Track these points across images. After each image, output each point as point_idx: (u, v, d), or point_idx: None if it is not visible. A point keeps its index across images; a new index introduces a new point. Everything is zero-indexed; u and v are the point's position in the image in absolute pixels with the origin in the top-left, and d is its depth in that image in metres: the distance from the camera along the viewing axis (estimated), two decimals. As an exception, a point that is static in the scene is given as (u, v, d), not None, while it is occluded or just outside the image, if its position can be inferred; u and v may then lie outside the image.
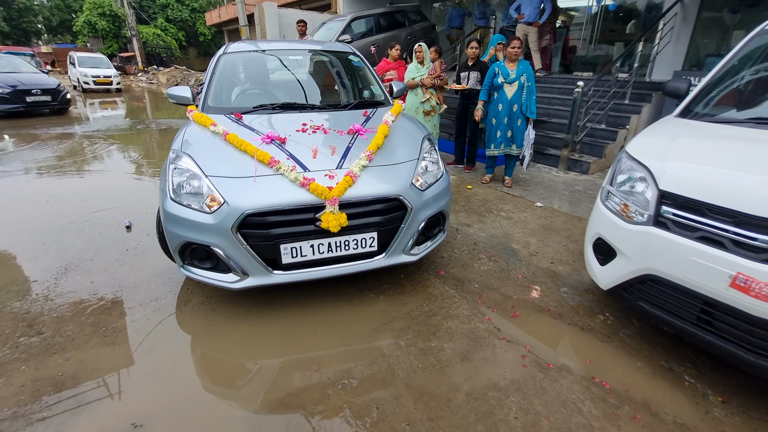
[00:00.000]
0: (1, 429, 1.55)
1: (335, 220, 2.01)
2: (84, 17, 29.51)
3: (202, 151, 2.26)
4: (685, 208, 1.73)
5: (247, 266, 2.04)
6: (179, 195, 2.09)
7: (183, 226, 2.03)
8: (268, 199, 2.00)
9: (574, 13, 9.80)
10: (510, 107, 4.06)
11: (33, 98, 9.03)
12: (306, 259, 2.09)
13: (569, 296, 2.53)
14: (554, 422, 1.63)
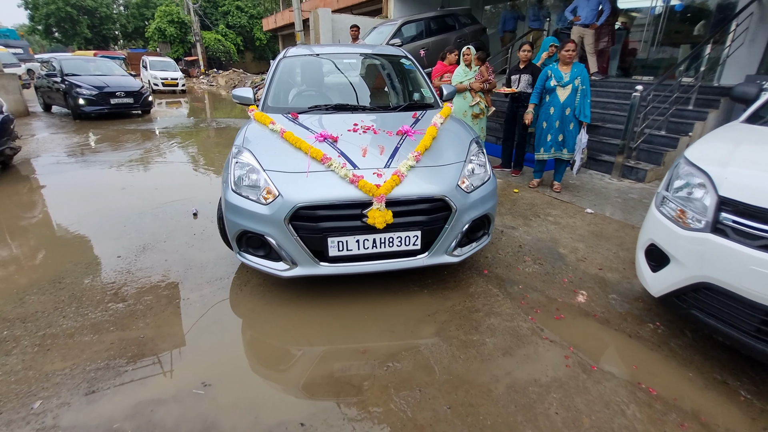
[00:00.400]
0: (95, 377, 1.82)
1: (381, 216, 2.09)
2: (155, 24, 32.14)
3: (261, 147, 2.44)
4: (746, 215, 1.68)
5: (296, 256, 2.18)
6: (239, 187, 2.26)
7: (241, 216, 2.20)
8: (319, 194, 2.13)
9: (636, 14, 9.35)
10: (562, 111, 4.01)
11: (117, 100, 9.51)
12: (351, 254, 2.19)
13: (617, 303, 2.49)
14: (596, 421, 1.65)
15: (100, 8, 39.61)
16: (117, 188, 4.53)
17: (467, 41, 8.82)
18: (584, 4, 7.00)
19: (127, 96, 9.65)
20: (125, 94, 9.63)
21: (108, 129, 8.42)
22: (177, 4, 31.55)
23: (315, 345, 2.05)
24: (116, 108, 9.60)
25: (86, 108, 9.16)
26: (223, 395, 1.73)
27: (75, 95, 9.14)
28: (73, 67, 10.07)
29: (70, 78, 9.43)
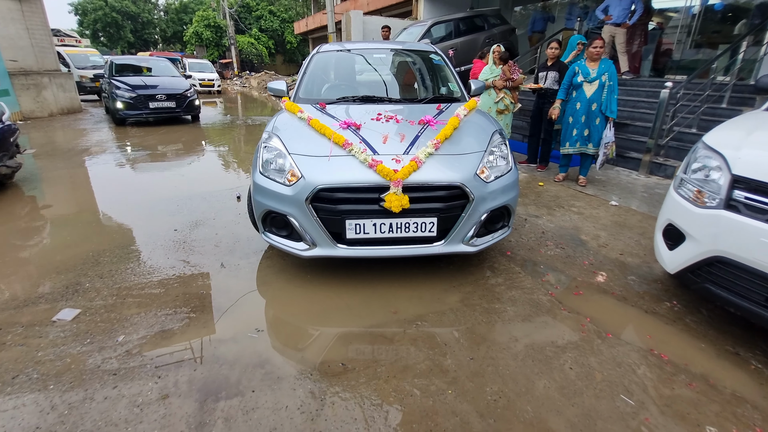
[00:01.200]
0: (165, 320, 2.12)
1: (398, 200, 2.12)
2: (193, 28, 33.65)
3: (289, 134, 2.54)
4: (757, 191, 1.80)
5: (315, 237, 2.26)
6: (267, 170, 2.38)
7: (267, 197, 2.32)
8: (339, 177, 2.19)
9: (673, 14, 9.18)
10: (588, 106, 4.11)
11: (156, 104, 8.57)
12: (368, 237, 2.23)
13: (636, 284, 2.60)
14: (607, 376, 1.80)
15: (142, 14, 41.79)
16: (166, 177, 4.95)
17: (496, 41, 8.96)
18: (616, 3, 7.00)
19: (168, 99, 8.58)
20: (167, 97, 8.54)
21: (154, 125, 9.01)
22: (214, 10, 32.92)
23: (352, 306, 2.29)
24: (156, 113, 8.66)
25: (124, 112, 8.27)
26: (274, 339, 1.99)
27: (114, 97, 8.29)
28: (123, 67, 9.56)
29: (115, 79, 8.79)
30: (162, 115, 8.79)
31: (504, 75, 5.08)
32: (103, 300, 2.29)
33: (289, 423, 1.52)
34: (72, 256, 2.81)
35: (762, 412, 1.64)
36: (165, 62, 10.45)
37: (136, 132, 8.07)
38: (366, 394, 1.66)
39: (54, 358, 1.84)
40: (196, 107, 9.24)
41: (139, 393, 1.65)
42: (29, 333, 2.01)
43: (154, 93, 8.57)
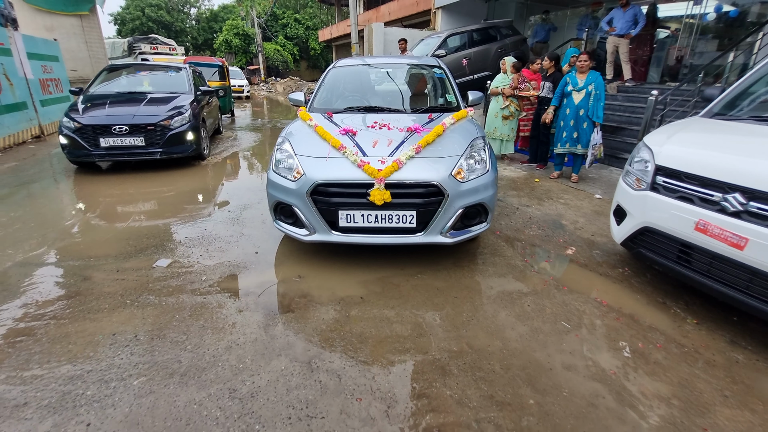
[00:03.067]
0: (233, 268, 2.87)
1: (380, 195, 2.51)
2: (223, 36, 35.35)
3: (298, 138, 2.99)
4: (670, 176, 2.41)
5: (314, 224, 2.67)
6: (278, 168, 2.83)
7: (278, 190, 2.77)
8: (333, 174, 2.61)
9: (690, 20, 9.49)
10: (576, 111, 4.71)
11: (111, 140, 5.07)
12: (357, 225, 2.63)
13: (598, 256, 3.21)
14: (555, 311, 2.44)
15: (175, 23, 44.05)
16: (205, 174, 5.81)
17: (507, 51, 9.57)
18: (620, 16, 7.51)
19: (133, 133, 5.09)
20: (129, 130, 5.06)
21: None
22: (243, 19, 34.54)
23: (369, 263, 2.98)
24: (112, 155, 5.18)
25: (69, 152, 5.19)
26: (312, 282, 2.72)
27: (60, 127, 5.18)
28: (115, 76, 6.43)
29: (86, 95, 5.81)
30: (122, 158, 5.24)
31: (513, 83, 5.71)
32: (186, 257, 3.08)
33: (326, 327, 2.24)
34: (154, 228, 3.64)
35: (666, 336, 2.25)
36: (179, 71, 6.60)
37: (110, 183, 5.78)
38: (377, 314, 2.37)
39: (160, 287, 2.63)
40: (191, 143, 5.53)
41: (223, 307, 2.41)
42: (140, 274, 2.81)
43: (110, 123, 5.04)
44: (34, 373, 1.87)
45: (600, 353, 2.09)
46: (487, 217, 2.87)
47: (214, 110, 7.81)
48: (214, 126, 7.74)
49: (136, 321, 2.29)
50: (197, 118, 5.81)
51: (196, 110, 5.85)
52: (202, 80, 7.65)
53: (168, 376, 1.87)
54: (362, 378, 1.87)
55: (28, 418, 1.63)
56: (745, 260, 2.03)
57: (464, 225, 2.80)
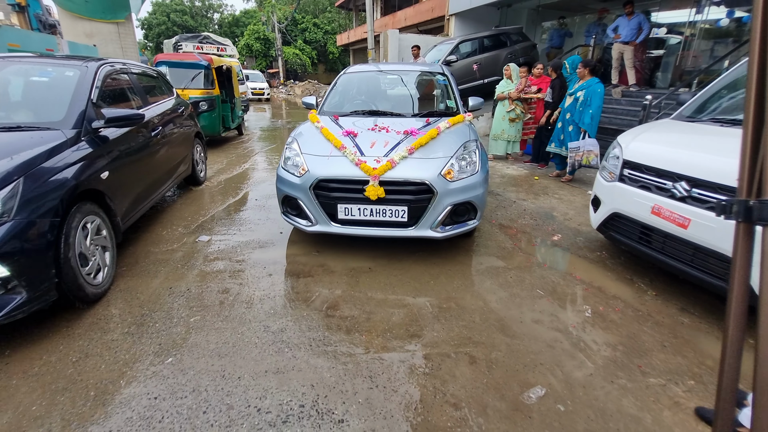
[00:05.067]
0: (261, 244, 3.39)
1: (374, 191, 2.77)
2: (244, 41, 36.52)
3: (305, 138, 3.28)
4: (633, 168, 2.83)
5: (316, 216, 2.95)
6: (286, 165, 3.11)
7: (285, 185, 3.06)
8: (333, 171, 2.88)
9: (705, 26, 9.65)
10: (564, 115, 5.10)
11: None
12: (354, 218, 2.89)
13: (581, 242, 3.62)
14: (533, 282, 2.88)
15: (199, 27, 45.59)
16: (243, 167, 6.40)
17: (517, 57, 9.96)
18: (625, 24, 7.83)
19: None
20: None
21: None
22: (264, 23, 35.63)
23: (376, 241, 3.46)
24: None
25: None
26: (328, 255, 3.21)
27: None
28: None
29: None
30: None
31: (519, 86, 6.13)
32: (222, 234, 3.63)
33: (339, 288, 2.73)
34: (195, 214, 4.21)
35: (626, 303, 2.66)
36: (72, 70, 2.97)
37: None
38: (382, 280, 2.85)
39: (204, 257, 3.17)
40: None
41: (256, 271, 2.92)
42: (187, 246, 3.36)
43: None
44: (112, 312, 2.42)
45: (565, 313, 2.52)
46: (476, 214, 3.06)
47: (181, 143, 4.36)
48: (184, 172, 4.56)
49: (186, 280, 2.82)
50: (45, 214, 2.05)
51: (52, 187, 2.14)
52: (163, 88, 4.48)
53: (215, 315, 2.39)
54: (367, 323, 2.35)
55: (115, 339, 2.16)
56: (689, 237, 2.43)
57: (454, 221, 3.01)
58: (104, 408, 1.72)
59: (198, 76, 7.43)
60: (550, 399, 1.83)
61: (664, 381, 1.97)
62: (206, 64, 7.52)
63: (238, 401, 1.77)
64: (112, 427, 1.63)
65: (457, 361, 2.05)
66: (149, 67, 4.42)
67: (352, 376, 1.94)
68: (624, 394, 1.87)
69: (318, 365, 2.00)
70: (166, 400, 1.77)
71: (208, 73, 7.52)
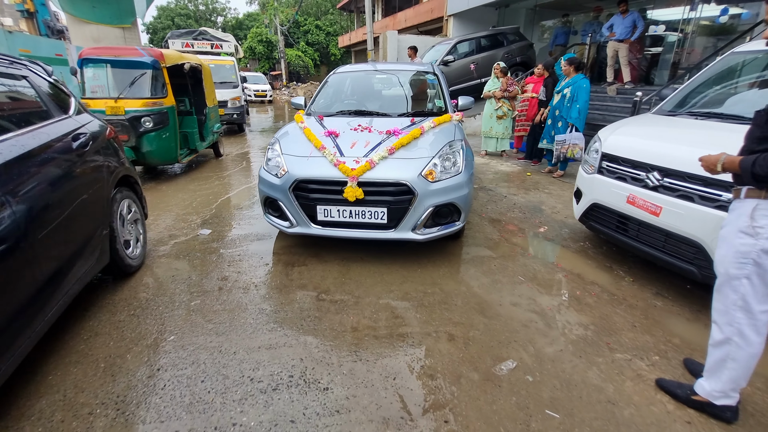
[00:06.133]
0: (259, 236, 3.56)
1: (352, 192, 2.69)
2: (247, 43, 36.85)
3: (287, 139, 3.25)
4: (611, 160, 2.97)
5: (296, 218, 2.89)
6: (268, 166, 3.06)
7: (266, 186, 3.00)
8: (312, 172, 2.82)
9: (704, 23, 9.70)
10: (553, 112, 5.25)
11: None
12: (334, 220, 2.83)
13: (566, 233, 3.76)
14: (516, 270, 3.02)
15: (203, 31, 46.10)
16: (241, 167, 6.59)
17: (513, 56, 10.10)
18: (619, 22, 7.94)
19: None
20: None
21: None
22: (266, 26, 35.96)
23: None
24: None
25: None
26: (322, 247, 3.37)
27: None
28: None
29: None
30: None
31: (503, 87, 6.28)
32: (222, 227, 3.81)
33: (331, 275, 2.89)
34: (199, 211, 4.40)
35: (602, 288, 2.80)
36: None
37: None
38: (372, 269, 3.00)
39: (205, 248, 3.35)
40: None
41: (253, 260, 3.10)
42: (190, 240, 3.54)
43: None
44: (118, 297, 2.60)
45: (543, 297, 2.67)
46: (460, 216, 2.96)
47: (77, 210, 2.15)
48: (89, 269, 2.29)
49: (188, 268, 3.00)
50: None
51: None
52: (47, 104, 2.36)
53: (214, 300, 2.56)
54: (355, 306, 2.51)
55: (121, 320, 2.34)
56: (661, 224, 2.57)
57: (436, 223, 2.92)
58: (112, 377, 1.89)
59: (140, 80, 5.07)
60: (519, 371, 1.98)
61: (630, 356, 2.11)
62: (151, 61, 5.05)
63: (233, 372, 1.94)
64: (118, 392, 1.80)
65: (437, 339, 2.21)
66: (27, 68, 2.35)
67: (338, 351, 2.10)
68: (590, 368, 2.02)
69: (307, 342, 2.16)
70: (168, 371, 1.94)
71: (157, 75, 5.11)
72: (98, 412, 1.70)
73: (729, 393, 1.65)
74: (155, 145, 5.08)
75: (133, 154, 4.94)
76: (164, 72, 5.17)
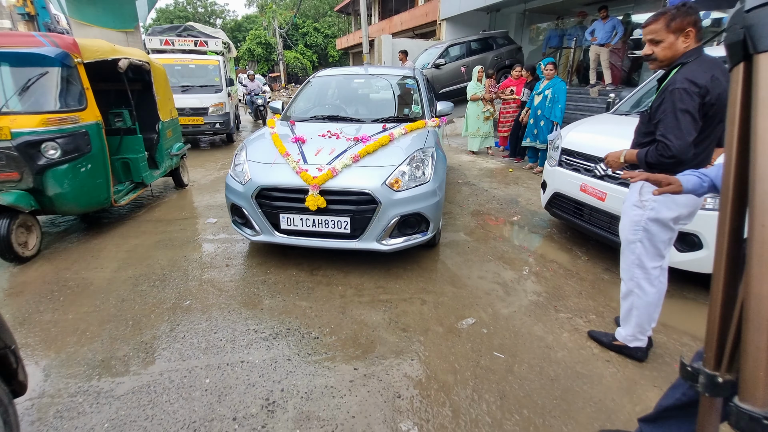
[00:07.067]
0: (258, 228, 3.97)
1: (314, 201, 2.63)
2: (246, 45, 37.31)
3: (254, 145, 3.19)
4: (569, 154, 3.39)
5: (260, 226, 2.84)
6: (234, 172, 3.01)
7: (231, 192, 2.95)
8: (274, 179, 2.76)
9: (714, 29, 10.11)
10: (535, 112, 5.68)
11: None
12: (297, 228, 2.77)
13: (536, 222, 4.18)
14: (486, 250, 3.44)
15: (202, 33, 46.49)
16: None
17: (503, 59, 10.53)
18: (600, 27, 8.39)
19: None
20: None
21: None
22: (265, 29, 36.41)
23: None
24: None
25: None
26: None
27: None
28: None
29: None
30: None
31: (487, 88, 6.72)
32: (223, 218, 4.22)
33: (327, 255, 3.30)
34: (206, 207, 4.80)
35: (559, 265, 3.22)
36: None
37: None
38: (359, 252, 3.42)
39: (212, 234, 3.76)
40: None
41: (256, 243, 3.50)
42: (198, 226, 3.95)
43: None
44: (140, 272, 3.01)
45: (506, 272, 3.09)
46: (428, 226, 2.88)
47: None
48: None
49: (197, 250, 3.41)
50: None
51: None
52: None
53: (222, 274, 2.97)
54: (344, 279, 2.92)
55: (144, 290, 2.75)
56: (606, 208, 2.99)
57: (402, 233, 2.84)
58: (139, 330, 2.31)
59: (39, 84, 3.25)
60: (477, 326, 2.40)
61: (571, 315, 2.53)
62: (56, 54, 3.25)
63: (240, 326, 2.35)
64: (145, 340, 2.22)
65: (411, 303, 2.62)
66: None
67: (328, 312, 2.51)
68: (536, 323, 2.43)
69: (302, 305, 2.58)
70: (185, 325, 2.35)
71: (69, 76, 3.33)
72: (131, 355, 2.11)
73: (638, 336, 2.07)
74: (69, 184, 3.29)
75: (32, 201, 3.15)
76: (80, 71, 3.37)
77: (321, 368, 2.02)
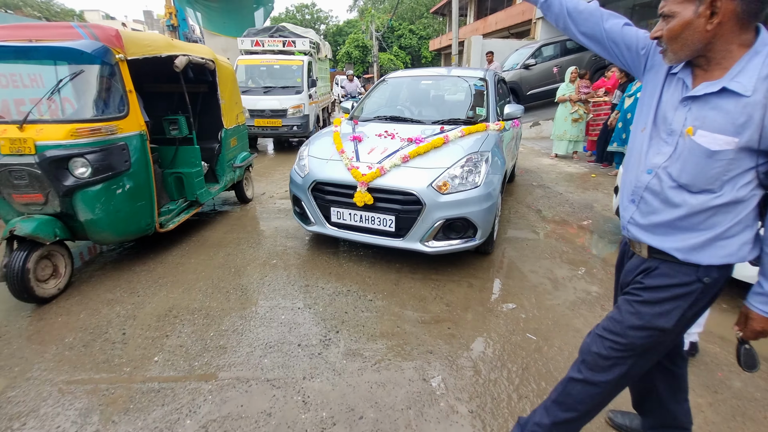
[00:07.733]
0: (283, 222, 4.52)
1: (361, 197, 2.77)
2: (345, 49, 39.68)
3: (317, 142, 3.41)
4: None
5: (314, 217, 3.08)
6: (297, 165, 3.26)
7: (293, 185, 3.23)
8: (328, 174, 2.96)
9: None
10: (624, 115, 5.35)
11: None
12: (345, 222, 2.95)
13: (608, 227, 4.05)
14: (544, 249, 3.50)
15: (308, 38, 50.51)
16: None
17: (600, 59, 9.87)
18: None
19: None
20: None
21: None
22: (363, 32, 38.32)
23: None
24: None
25: None
26: (384, 218, 4.21)
27: None
28: None
29: None
30: None
31: (578, 89, 6.47)
32: (311, 199, 4.87)
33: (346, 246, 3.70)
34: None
35: (621, 270, 3.17)
36: None
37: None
38: (421, 237, 3.74)
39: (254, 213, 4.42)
40: None
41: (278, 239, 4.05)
42: (235, 209, 4.65)
43: None
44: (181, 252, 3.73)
45: (560, 269, 3.15)
46: (476, 233, 2.83)
47: None
48: None
49: (285, 223, 4.07)
50: None
51: None
52: None
53: (257, 245, 3.55)
54: (402, 258, 3.27)
55: (233, 254, 3.44)
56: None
57: (448, 237, 2.84)
58: (237, 276, 2.97)
59: (72, 86, 2.73)
60: (517, 311, 2.57)
61: (618, 315, 2.55)
62: (95, 50, 2.60)
63: (311, 282, 2.87)
64: (243, 283, 2.86)
65: (458, 284, 2.88)
66: None
67: (384, 282, 2.90)
68: (577, 317, 2.52)
69: (363, 274, 3.01)
70: (271, 277, 2.94)
71: (107, 75, 2.71)
72: (232, 292, 2.75)
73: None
74: (102, 209, 2.73)
75: (57, 230, 2.65)
76: (122, 70, 2.78)
77: (370, 322, 2.41)
